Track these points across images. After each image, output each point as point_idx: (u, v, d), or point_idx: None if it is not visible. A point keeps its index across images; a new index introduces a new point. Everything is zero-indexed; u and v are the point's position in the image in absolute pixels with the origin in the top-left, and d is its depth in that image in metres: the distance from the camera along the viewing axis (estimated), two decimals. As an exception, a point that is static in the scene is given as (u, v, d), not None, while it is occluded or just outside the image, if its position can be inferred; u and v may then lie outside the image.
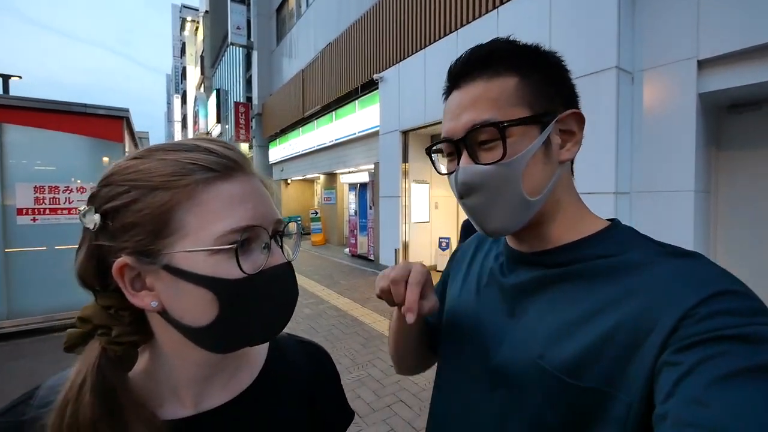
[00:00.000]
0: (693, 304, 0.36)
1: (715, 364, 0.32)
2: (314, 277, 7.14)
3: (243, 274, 0.38)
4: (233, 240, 0.38)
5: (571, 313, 0.45)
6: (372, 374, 3.17)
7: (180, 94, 45.72)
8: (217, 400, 0.45)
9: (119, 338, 0.39)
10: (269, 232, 0.42)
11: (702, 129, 3.49)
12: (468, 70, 0.48)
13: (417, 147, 7.17)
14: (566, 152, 0.49)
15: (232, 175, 0.40)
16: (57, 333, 4.00)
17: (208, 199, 0.38)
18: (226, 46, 21.23)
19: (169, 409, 0.43)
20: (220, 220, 0.38)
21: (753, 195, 3.67)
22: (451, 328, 0.61)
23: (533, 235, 0.51)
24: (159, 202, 0.37)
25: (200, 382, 0.44)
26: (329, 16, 10.25)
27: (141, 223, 0.37)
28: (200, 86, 32.90)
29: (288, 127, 13.14)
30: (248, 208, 0.39)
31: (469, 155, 0.47)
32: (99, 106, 4.38)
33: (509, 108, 0.45)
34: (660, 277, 0.40)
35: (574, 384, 0.41)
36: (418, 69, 6.42)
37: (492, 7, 4.97)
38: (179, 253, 0.37)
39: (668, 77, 3.52)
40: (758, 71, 3.09)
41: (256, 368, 0.51)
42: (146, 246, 0.37)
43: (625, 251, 0.45)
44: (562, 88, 0.49)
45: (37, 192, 4.05)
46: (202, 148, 0.40)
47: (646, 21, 3.65)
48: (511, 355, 0.48)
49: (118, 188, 0.38)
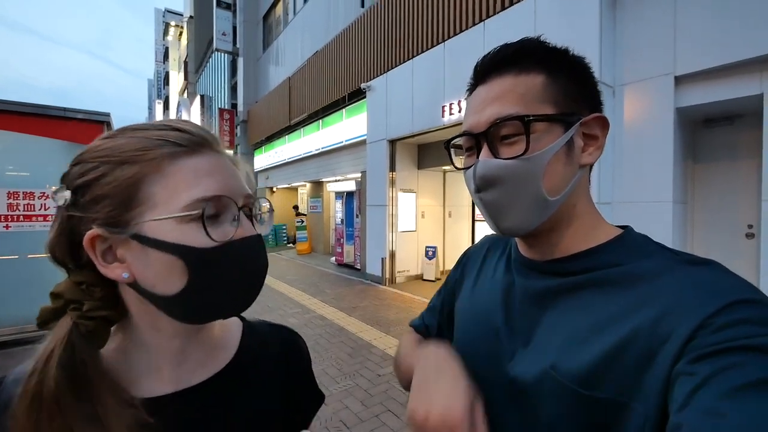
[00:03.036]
0: (709, 313, 0.35)
1: (732, 375, 0.31)
2: (300, 286, 7.02)
3: (212, 242, 0.39)
4: (200, 208, 0.39)
5: (584, 322, 0.44)
6: (359, 384, 3.12)
7: (162, 100, 44.91)
8: (195, 378, 0.47)
9: (90, 312, 0.40)
10: (238, 205, 0.42)
11: (679, 142, 3.63)
12: (496, 66, 0.48)
13: (404, 156, 7.21)
14: (588, 156, 0.48)
15: (200, 150, 0.41)
16: (29, 346, 3.74)
17: (175, 171, 0.39)
18: (211, 52, 21.05)
19: (146, 385, 0.44)
20: (187, 190, 0.39)
21: (726, 205, 3.84)
22: (463, 335, 0.60)
23: (545, 241, 0.50)
24: (127, 175, 0.38)
25: (177, 358, 0.45)
26: (317, 24, 10.30)
27: (110, 194, 0.38)
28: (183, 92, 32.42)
29: (274, 134, 13.03)
30: (216, 180, 0.41)
31: (490, 149, 0.47)
32: (78, 110, 4.25)
33: (535, 104, 0.45)
34: (675, 286, 0.40)
35: (589, 395, 0.40)
36: (405, 78, 6.48)
37: (479, 20, 5.09)
38: (148, 222, 0.38)
39: (647, 92, 3.66)
40: (731, 88, 3.24)
41: (231, 348, 0.52)
42: (116, 217, 0.38)
43: (639, 259, 0.44)
44: (587, 91, 0.49)
45: (11, 198, 3.86)
46: (171, 126, 0.42)
47: (627, 37, 3.81)
48: (526, 365, 0.47)
49: (89, 165, 0.39)
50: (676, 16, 3.45)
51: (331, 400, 2.87)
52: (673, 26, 3.46)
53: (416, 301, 5.84)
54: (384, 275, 7.05)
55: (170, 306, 0.40)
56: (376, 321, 4.84)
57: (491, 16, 4.91)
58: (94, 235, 0.38)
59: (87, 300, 0.40)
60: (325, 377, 3.26)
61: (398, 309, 5.41)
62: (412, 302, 5.81)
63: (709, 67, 3.27)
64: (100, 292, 0.41)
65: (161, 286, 0.39)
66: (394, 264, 7.12)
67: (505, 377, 0.49)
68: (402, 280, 7.23)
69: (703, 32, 3.29)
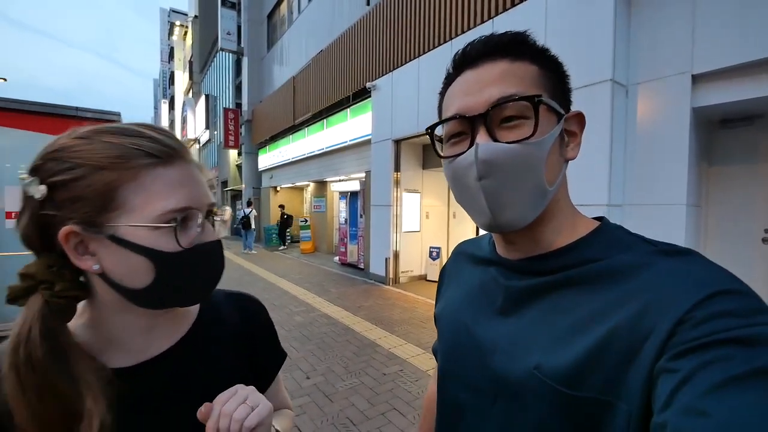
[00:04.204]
0: (689, 307, 0.35)
1: (713, 370, 0.31)
2: (304, 285, 6.98)
3: (179, 247, 0.44)
4: (173, 218, 0.44)
5: (564, 321, 0.44)
6: (365, 382, 3.12)
7: (168, 99, 45.10)
8: (158, 348, 0.51)
9: (62, 293, 0.44)
10: (203, 213, 0.47)
11: (694, 143, 3.52)
12: (489, 51, 0.47)
13: (409, 156, 7.15)
14: (571, 151, 0.49)
15: (172, 162, 0.46)
16: None
17: (152, 181, 0.43)
18: (216, 52, 21.09)
19: (112, 358, 0.48)
20: (161, 200, 0.43)
21: (742, 208, 3.73)
22: (447, 342, 0.60)
23: (529, 237, 0.49)
24: (105, 180, 0.42)
25: (143, 333, 0.50)
26: (322, 23, 10.24)
27: (87, 197, 0.42)
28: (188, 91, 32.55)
29: (278, 134, 13.01)
30: (186, 192, 0.45)
31: (488, 133, 0.44)
32: (90, 109, 4.26)
33: (534, 90, 0.44)
34: (654, 280, 0.39)
35: (573, 394, 0.40)
36: (411, 78, 6.41)
37: (487, 18, 5.00)
38: (124, 226, 0.42)
39: (662, 91, 3.55)
40: (751, 87, 3.13)
41: (191, 317, 0.57)
42: (92, 218, 0.42)
43: (616, 253, 0.44)
44: (566, 90, 0.50)
45: (24, 197, 3.91)
46: (146, 135, 0.45)
47: (642, 34, 3.70)
48: (508, 366, 0.47)
49: (65, 164, 0.42)
50: (695, 11, 3.34)
51: (337, 397, 2.90)
52: (692, 22, 3.35)
53: (420, 302, 5.80)
54: (387, 275, 6.99)
55: (135, 297, 0.45)
56: (380, 320, 4.83)
57: (500, 13, 4.82)
58: (69, 231, 0.42)
59: (58, 281, 0.44)
60: (331, 375, 3.28)
61: (402, 309, 5.38)
62: (415, 302, 5.77)
63: (728, 66, 3.15)
64: (69, 275, 0.45)
65: (129, 281, 0.44)
66: (398, 264, 7.07)
67: (488, 379, 0.49)
68: (405, 281, 7.17)
69: (722, 29, 3.18)
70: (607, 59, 3.60)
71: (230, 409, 0.43)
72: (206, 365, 0.54)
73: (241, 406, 0.43)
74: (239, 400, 0.44)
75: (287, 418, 0.67)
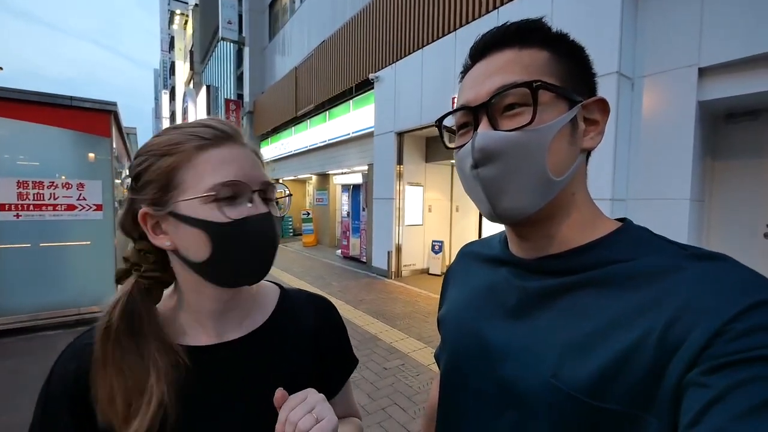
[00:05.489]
0: (729, 317, 0.31)
1: (749, 391, 0.28)
2: (306, 278, 7.02)
3: (227, 218, 0.47)
4: (218, 190, 0.47)
5: (585, 327, 0.40)
6: (366, 376, 3.12)
7: (168, 90, 44.81)
8: (234, 334, 0.56)
9: (146, 273, 0.51)
10: (254, 189, 0.50)
11: (699, 138, 3.50)
12: (497, 42, 0.46)
13: (412, 149, 7.12)
14: (590, 140, 0.46)
15: (223, 143, 0.50)
16: (41, 332, 3.81)
17: (203, 161, 0.48)
18: (217, 41, 20.88)
19: (193, 337, 0.54)
20: (210, 176, 0.47)
21: (745, 203, 3.72)
22: (451, 347, 0.57)
23: (541, 232, 0.47)
24: (165, 164, 0.48)
25: (218, 316, 0.54)
26: (324, 12, 10.12)
27: (154, 180, 0.48)
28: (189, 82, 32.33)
29: (280, 126, 12.96)
30: (234, 168, 0.49)
31: (490, 122, 0.43)
32: (85, 98, 4.18)
33: (540, 76, 0.43)
34: (685, 285, 0.36)
35: (597, 405, 0.37)
36: (415, 69, 6.35)
37: (492, 8, 4.93)
38: (180, 202, 0.47)
39: (669, 84, 3.52)
40: (759, 80, 3.10)
41: (267, 312, 0.61)
42: (158, 198, 0.49)
43: (642, 255, 0.41)
44: (587, 75, 0.47)
45: (21, 187, 3.86)
46: (203, 124, 0.51)
47: (649, 26, 3.65)
48: (520, 373, 0.44)
49: (142, 157, 0.50)
50: (703, 3, 3.28)
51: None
52: (700, 14, 3.30)
53: (422, 296, 5.83)
54: (390, 269, 7.02)
55: (202, 270, 0.49)
56: (382, 314, 4.84)
57: (505, 3, 4.75)
58: (144, 213, 0.49)
59: (144, 263, 0.52)
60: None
61: (404, 303, 5.40)
62: (417, 296, 5.80)
63: (736, 58, 3.12)
64: (153, 257, 0.52)
65: (193, 254, 0.48)
66: (400, 258, 7.09)
67: (496, 387, 0.47)
68: (408, 274, 7.20)
69: (731, 22, 3.14)
70: (613, 51, 3.56)
71: (296, 417, 0.43)
72: (274, 358, 0.57)
73: (306, 415, 0.44)
74: (307, 409, 0.44)
75: (355, 428, 0.65)
